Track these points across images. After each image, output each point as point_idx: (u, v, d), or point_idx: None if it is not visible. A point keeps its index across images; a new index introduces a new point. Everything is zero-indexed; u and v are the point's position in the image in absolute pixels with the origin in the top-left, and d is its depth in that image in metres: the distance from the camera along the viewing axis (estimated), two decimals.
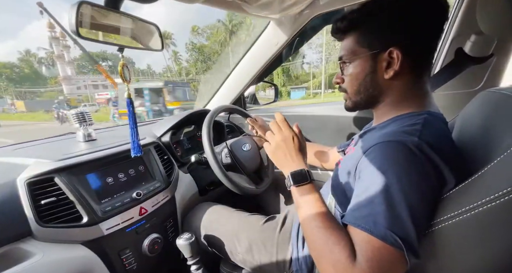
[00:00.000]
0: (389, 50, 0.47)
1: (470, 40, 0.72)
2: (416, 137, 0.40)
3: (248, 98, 1.48)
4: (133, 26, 0.64)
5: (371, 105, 0.55)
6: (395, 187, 0.38)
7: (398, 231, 0.36)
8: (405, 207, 0.37)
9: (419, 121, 0.44)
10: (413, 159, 0.39)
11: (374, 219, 0.38)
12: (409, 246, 0.36)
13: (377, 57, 0.49)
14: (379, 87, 0.51)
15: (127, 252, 0.71)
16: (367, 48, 0.49)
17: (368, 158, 0.43)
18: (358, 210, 0.41)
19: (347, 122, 1.14)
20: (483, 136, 0.44)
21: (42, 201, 0.59)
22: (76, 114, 0.84)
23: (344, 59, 0.53)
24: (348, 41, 0.53)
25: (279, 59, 1.22)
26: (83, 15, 0.49)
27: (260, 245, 0.71)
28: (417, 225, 0.37)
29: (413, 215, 0.37)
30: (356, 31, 0.51)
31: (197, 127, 1.21)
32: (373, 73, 0.50)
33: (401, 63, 0.47)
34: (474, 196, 0.32)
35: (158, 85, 9.23)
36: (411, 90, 0.50)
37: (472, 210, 0.32)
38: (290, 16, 0.98)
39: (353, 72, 0.52)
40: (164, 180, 0.84)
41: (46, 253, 0.56)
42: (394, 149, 0.40)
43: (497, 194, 0.30)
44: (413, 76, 0.49)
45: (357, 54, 0.51)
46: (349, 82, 0.54)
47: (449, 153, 0.42)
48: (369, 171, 0.42)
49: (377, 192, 0.39)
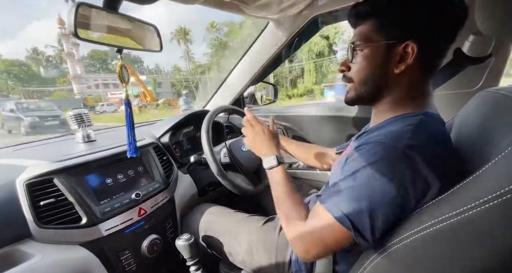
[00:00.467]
0: (406, 43, 0.45)
1: (469, 40, 0.72)
2: (405, 140, 0.41)
3: (247, 98, 1.48)
4: (131, 27, 0.64)
5: (373, 100, 0.54)
6: (366, 185, 0.42)
7: (353, 218, 0.41)
8: (367, 204, 0.40)
9: (413, 122, 0.44)
10: (394, 163, 0.40)
11: (338, 204, 0.43)
12: (359, 230, 0.41)
13: (392, 48, 0.47)
14: (386, 80, 0.49)
15: (126, 253, 0.71)
16: (384, 37, 0.47)
17: (356, 153, 0.45)
18: (330, 195, 0.46)
19: (346, 122, 1.14)
20: (481, 136, 0.44)
21: (41, 202, 0.59)
22: (75, 115, 0.84)
23: (356, 45, 0.51)
24: (364, 27, 0.50)
25: (279, 59, 1.23)
26: (81, 17, 0.49)
27: (259, 246, 0.70)
28: (373, 221, 0.40)
29: (372, 211, 0.40)
30: (375, 18, 0.48)
31: (196, 128, 1.21)
32: (384, 64, 0.48)
33: (415, 58, 0.45)
34: (470, 198, 0.32)
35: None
36: (415, 88, 0.49)
37: (467, 211, 0.32)
38: (289, 16, 0.98)
39: (364, 60, 0.50)
40: (163, 180, 0.84)
41: (45, 255, 0.56)
42: (381, 151, 0.42)
43: (495, 193, 0.29)
44: (421, 74, 0.48)
45: (372, 42, 0.48)
46: (357, 71, 0.52)
47: (440, 156, 0.42)
48: (352, 164, 0.45)
49: (349, 184, 0.43)
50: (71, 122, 0.84)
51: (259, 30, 1.11)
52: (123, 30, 0.62)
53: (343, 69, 0.55)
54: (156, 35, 0.68)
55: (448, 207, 0.34)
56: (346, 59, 0.54)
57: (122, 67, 0.61)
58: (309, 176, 1.21)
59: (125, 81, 0.63)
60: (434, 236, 0.35)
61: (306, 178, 1.21)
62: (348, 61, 0.54)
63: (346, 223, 0.41)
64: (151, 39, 0.68)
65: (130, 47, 0.66)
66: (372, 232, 0.41)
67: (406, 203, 0.40)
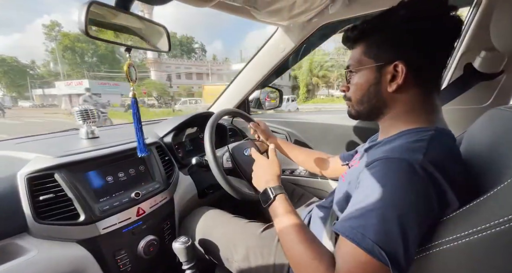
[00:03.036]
0: (394, 64, 0.47)
1: (480, 56, 0.71)
2: (420, 155, 0.39)
3: (252, 102, 1.48)
4: (141, 27, 0.64)
5: (374, 116, 0.55)
6: (390, 203, 0.38)
7: (385, 246, 0.36)
8: (397, 224, 0.36)
9: (425, 137, 0.43)
10: (414, 178, 0.38)
11: (363, 231, 0.38)
12: (396, 262, 0.35)
13: (382, 69, 0.49)
14: (382, 99, 0.51)
15: (122, 253, 0.70)
16: (373, 59, 0.50)
17: (370, 171, 0.42)
18: (349, 221, 0.41)
19: (350, 131, 1.14)
20: (490, 155, 0.43)
21: (40, 197, 0.59)
22: (81, 111, 0.84)
23: (351, 68, 0.54)
24: (356, 51, 0.53)
25: (285, 65, 1.23)
26: (93, 14, 0.49)
27: (257, 253, 0.69)
28: (406, 244, 0.36)
29: (404, 233, 0.36)
30: (364, 42, 0.51)
31: (199, 129, 1.21)
32: (377, 84, 0.50)
33: (405, 77, 0.46)
34: (482, 219, 0.31)
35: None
36: (418, 104, 0.49)
37: (478, 232, 0.31)
38: (298, 23, 0.98)
39: (358, 82, 0.53)
40: (163, 181, 0.84)
41: (41, 250, 0.56)
42: (396, 166, 0.40)
43: (509, 216, 0.28)
44: (419, 90, 0.48)
45: (363, 65, 0.51)
46: (354, 92, 0.54)
47: (454, 172, 0.41)
48: (367, 183, 0.42)
49: (371, 206, 0.39)
50: (77, 117, 0.85)
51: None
52: (133, 30, 0.63)
53: (343, 90, 0.58)
54: (166, 36, 0.68)
55: (466, 224, 0.33)
56: (344, 81, 0.58)
57: (130, 66, 0.62)
58: (310, 184, 1.20)
59: (133, 79, 0.63)
60: (450, 254, 0.34)
61: (307, 185, 1.20)
62: (345, 83, 0.57)
63: (379, 253, 0.36)
64: (160, 39, 0.69)
65: (139, 46, 0.66)
66: (406, 258, 0.36)
67: (431, 221, 0.39)
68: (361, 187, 0.43)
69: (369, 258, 0.36)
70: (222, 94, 1.38)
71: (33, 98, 36.17)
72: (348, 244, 0.39)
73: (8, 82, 37.48)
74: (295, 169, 1.28)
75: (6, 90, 38.62)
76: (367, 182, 0.42)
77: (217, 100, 1.40)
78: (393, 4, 0.48)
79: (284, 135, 1.34)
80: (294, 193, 1.01)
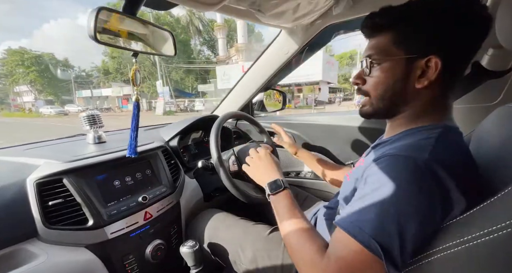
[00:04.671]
0: (428, 58, 0.43)
1: (488, 54, 0.70)
2: (427, 153, 0.38)
3: (256, 105, 1.48)
4: (148, 32, 0.65)
5: (390, 114, 0.51)
6: (391, 201, 0.37)
7: (381, 240, 0.36)
8: (396, 221, 0.36)
9: (433, 135, 0.42)
10: (418, 176, 0.37)
11: (361, 225, 0.38)
12: (390, 257, 0.36)
13: (413, 62, 0.44)
14: (405, 95, 0.47)
15: (130, 257, 0.70)
16: (404, 50, 0.44)
17: (376, 167, 0.42)
18: (349, 215, 0.41)
19: (356, 133, 1.13)
20: (500, 154, 0.42)
21: (49, 202, 0.59)
22: (87, 116, 0.85)
23: (373, 58, 0.48)
24: (381, 39, 0.47)
25: (289, 68, 1.23)
26: (101, 21, 0.50)
27: (264, 255, 0.69)
28: (403, 240, 0.36)
29: (402, 230, 0.36)
30: (394, 30, 0.45)
31: (204, 133, 1.21)
32: (404, 79, 0.45)
33: (438, 73, 0.43)
34: (492, 220, 0.30)
35: None
36: (436, 102, 0.47)
37: (489, 234, 0.30)
38: (302, 25, 0.98)
39: (381, 75, 0.47)
40: (170, 185, 0.84)
41: (50, 255, 0.56)
42: (402, 164, 0.39)
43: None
44: (443, 88, 0.46)
45: (391, 56, 0.46)
46: (374, 85, 0.49)
47: (462, 171, 0.39)
48: (371, 180, 0.41)
49: (372, 202, 0.39)
50: (84, 122, 0.86)
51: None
52: (140, 35, 0.64)
53: (357, 82, 0.52)
54: (171, 41, 0.69)
55: (474, 226, 0.32)
56: (360, 71, 0.51)
57: (136, 71, 0.62)
58: (316, 186, 1.19)
59: (137, 84, 0.64)
60: (457, 257, 0.33)
61: (313, 188, 1.19)
62: (363, 74, 0.51)
63: (374, 247, 0.36)
64: (166, 44, 0.70)
65: (146, 51, 0.67)
66: (401, 255, 0.36)
67: (433, 221, 0.37)
68: (366, 183, 0.43)
69: (362, 249, 0.37)
70: (226, 97, 1.38)
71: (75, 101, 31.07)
72: (344, 234, 0.39)
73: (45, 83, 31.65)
74: (301, 171, 1.27)
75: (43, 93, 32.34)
76: (371, 178, 0.42)
77: (221, 103, 1.40)
78: (399, 3, 0.45)
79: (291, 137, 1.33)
80: (299, 195, 1.01)
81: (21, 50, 30.13)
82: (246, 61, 19.50)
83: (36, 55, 30.29)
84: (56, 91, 33.11)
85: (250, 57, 20.14)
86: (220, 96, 4.36)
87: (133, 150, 0.67)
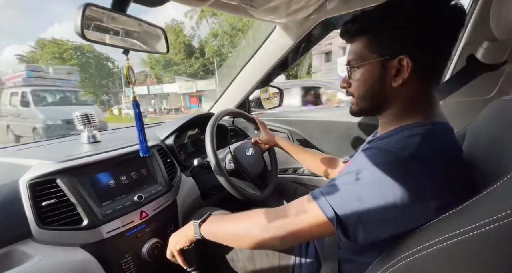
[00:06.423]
0: (399, 58, 0.45)
1: (483, 47, 0.70)
2: (409, 151, 0.40)
3: (252, 102, 1.47)
4: (139, 29, 0.64)
5: (377, 112, 0.54)
6: (362, 181, 0.41)
7: (338, 210, 0.41)
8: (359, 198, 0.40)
9: (420, 132, 0.43)
10: (395, 170, 0.39)
11: (326, 193, 0.44)
12: (342, 225, 0.40)
13: (387, 64, 0.47)
14: (386, 94, 0.49)
15: (126, 256, 0.70)
16: (377, 54, 0.48)
17: (361, 154, 0.45)
18: (325, 190, 0.45)
19: (353, 128, 1.12)
20: (495, 147, 0.41)
21: (43, 202, 0.59)
22: (81, 116, 0.84)
23: (352, 64, 0.52)
24: (357, 45, 0.51)
25: (285, 64, 1.22)
26: (89, 18, 0.49)
27: (262, 252, 0.69)
28: (360, 218, 0.40)
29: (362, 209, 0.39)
30: (366, 35, 0.49)
31: (201, 131, 1.20)
32: (381, 80, 0.48)
33: (410, 71, 0.45)
34: (482, 214, 0.30)
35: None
36: (418, 99, 0.48)
37: (481, 227, 0.29)
38: (296, 20, 0.97)
39: (361, 77, 0.51)
40: (166, 183, 0.84)
41: (45, 256, 0.56)
42: (384, 155, 0.42)
43: (506, 212, 0.27)
44: (422, 85, 0.47)
45: (366, 60, 0.49)
46: (356, 88, 0.53)
47: (447, 170, 0.40)
48: (353, 162, 0.46)
49: (344, 179, 0.43)
50: (77, 122, 0.85)
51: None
52: (130, 32, 0.63)
53: (344, 86, 0.56)
54: (163, 38, 0.68)
55: (457, 224, 0.32)
56: (345, 76, 0.56)
57: (129, 69, 0.62)
58: (313, 182, 1.19)
59: (132, 82, 0.63)
60: (440, 254, 0.33)
61: (311, 184, 1.19)
62: (346, 78, 0.55)
63: (333, 219, 0.41)
64: (158, 41, 0.69)
65: (137, 49, 0.66)
66: (354, 232, 0.41)
67: (400, 214, 0.39)
68: (348, 166, 0.46)
69: (316, 208, 0.43)
70: (222, 95, 1.37)
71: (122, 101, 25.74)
72: (306, 196, 0.46)
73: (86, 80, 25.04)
74: (298, 168, 1.27)
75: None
76: (354, 162, 0.46)
77: (217, 101, 1.40)
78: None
79: (286, 134, 1.33)
80: (297, 192, 1.01)
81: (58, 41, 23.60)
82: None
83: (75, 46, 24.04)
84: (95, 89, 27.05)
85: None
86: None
87: (145, 149, 0.68)
